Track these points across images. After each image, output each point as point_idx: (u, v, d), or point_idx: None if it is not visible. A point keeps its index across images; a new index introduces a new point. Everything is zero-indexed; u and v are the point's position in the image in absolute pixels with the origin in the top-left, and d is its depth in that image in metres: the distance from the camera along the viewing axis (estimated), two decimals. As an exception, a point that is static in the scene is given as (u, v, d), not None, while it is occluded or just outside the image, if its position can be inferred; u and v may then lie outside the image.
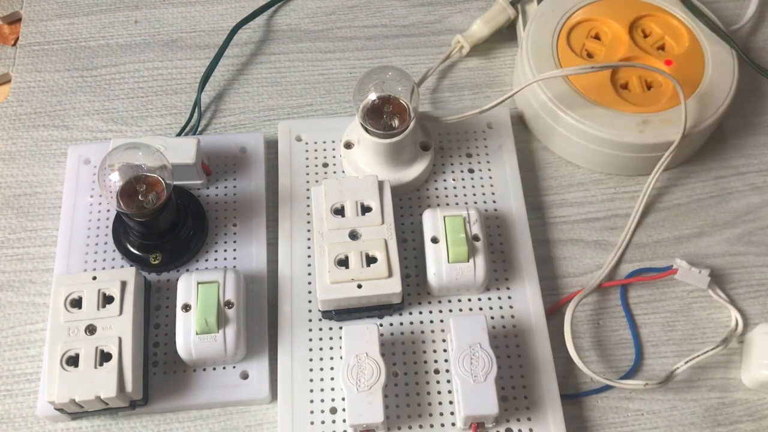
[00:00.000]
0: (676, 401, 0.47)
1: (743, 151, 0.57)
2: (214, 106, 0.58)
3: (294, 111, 0.58)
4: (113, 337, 0.43)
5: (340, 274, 0.46)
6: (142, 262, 0.49)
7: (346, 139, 0.53)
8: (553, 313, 0.50)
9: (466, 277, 0.47)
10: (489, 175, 0.53)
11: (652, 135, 0.52)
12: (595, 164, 0.55)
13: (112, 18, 0.62)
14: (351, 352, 0.43)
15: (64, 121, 0.57)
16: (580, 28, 0.57)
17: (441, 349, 0.47)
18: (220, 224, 0.51)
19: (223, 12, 0.63)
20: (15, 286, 0.50)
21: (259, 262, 0.50)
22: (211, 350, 0.44)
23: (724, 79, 0.55)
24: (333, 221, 0.47)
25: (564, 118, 0.53)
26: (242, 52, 0.61)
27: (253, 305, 0.48)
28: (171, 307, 0.48)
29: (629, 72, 0.55)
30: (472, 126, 0.55)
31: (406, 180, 0.51)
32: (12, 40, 0.62)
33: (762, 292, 0.51)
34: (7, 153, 0.56)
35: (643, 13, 0.58)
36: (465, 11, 0.64)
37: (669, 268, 0.50)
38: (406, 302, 0.48)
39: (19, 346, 0.48)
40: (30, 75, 0.59)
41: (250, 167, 0.53)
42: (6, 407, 0.46)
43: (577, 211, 0.54)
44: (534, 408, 0.45)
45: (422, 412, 0.45)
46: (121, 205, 0.45)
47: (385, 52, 0.61)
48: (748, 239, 0.53)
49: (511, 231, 0.51)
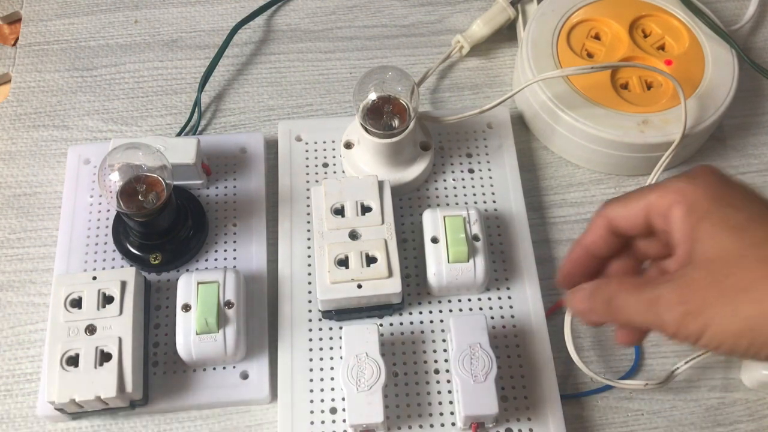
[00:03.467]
0: (676, 401, 0.47)
1: (743, 151, 0.57)
2: (214, 106, 0.58)
3: (294, 111, 0.58)
4: (113, 337, 0.43)
5: (340, 274, 0.46)
6: (142, 262, 0.49)
7: (346, 139, 0.53)
8: (553, 313, 0.50)
9: (466, 277, 0.47)
10: (489, 175, 0.53)
11: (652, 135, 0.52)
12: (595, 164, 0.55)
13: (112, 18, 0.62)
14: (351, 352, 0.43)
15: (64, 121, 0.57)
16: (580, 28, 0.57)
17: (441, 349, 0.47)
18: (220, 224, 0.51)
19: (223, 12, 0.63)
20: (15, 286, 0.50)
21: (259, 262, 0.50)
22: (211, 350, 0.44)
23: (724, 79, 0.55)
24: (333, 221, 0.47)
25: (564, 118, 0.53)
26: (242, 52, 0.61)
27: (253, 305, 0.48)
28: (171, 307, 0.48)
29: (629, 72, 0.55)
30: (472, 126, 0.55)
31: (406, 180, 0.51)
32: (12, 40, 0.62)
33: (762, 292, 0.51)
34: (7, 153, 0.56)
35: (643, 13, 0.58)
36: (465, 11, 0.64)
37: (669, 268, 0.50)
38: (406, 302, 0.48)
39: (19, 346, 0.48)
40: (30, 75, 0.59)
41: (250, 167, 0.53)
42: (6, 407, 0.46)
43: (577, 211, 0.54)
44: (534, 408, 0.45)
45: (422, 412, 0.45)
46: (121, 205, 0.45)
47: (385, 52, 0.61)
48: (748, 239, 0.53)
49: (511, 231, 0.51)
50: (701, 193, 0.33)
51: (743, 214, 0.32)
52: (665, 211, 0.34)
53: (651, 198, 0.34)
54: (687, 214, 0.33)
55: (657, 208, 0.34)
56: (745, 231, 0.31)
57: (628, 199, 0.36)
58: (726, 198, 0.33)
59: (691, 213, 0.33)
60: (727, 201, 0.32)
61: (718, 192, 0.33)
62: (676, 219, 0.33)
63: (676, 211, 0.33)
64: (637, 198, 0.35)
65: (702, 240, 0.32)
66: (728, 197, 0.33)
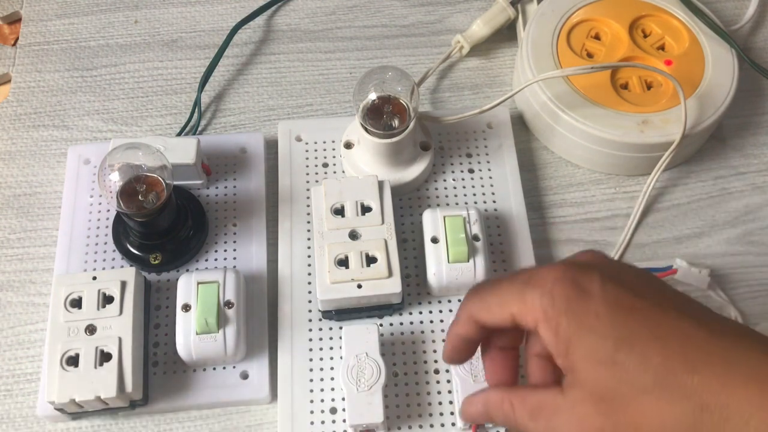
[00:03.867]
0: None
1: (743, 151, 0.57)
2: (214, 106, 0.58)
3: (294, 111, 0.58)
4: (113, 337, 0.43)
5: (340, 274, 0.46)
6: (142, 262, 0.49)
7: (346, 139, 0.53)
8: (553, 313, 0.50)
9: (466, 277, 0.47)
10: (489, 175, 0.53)
11: (652, 135, 0.52)
12: (595, 164, 0.55)
13: (112, 18, 0.62)
14: (351, 352, 0.43)
15: (64, 121, 0.57)
16: (580, 28, 0.57)
17: (441, 349, 0.47)
18: (220, 224, 0.51)
19: (223, 12, 0.63)
20: (15, 286, 0.50)
21: (259, 262, 0.50)
22: (211, 350, 0.44)
23: (724, 79, 0.55)
24: (333, 221, 0.47)
25: (564, 118, 0.53)
26: (242, 52, 0.61)
27: (253, 305, 0.48)
28: (171, 307, 0.48)
29: (629, 72, 0.55)
30: (472, 126, 0.55)
31: (406, 180, 0.51)
32: (12, 40, 0.62)
33: (762, 292, 0.51)
34: (7, 153, 0.56)
35: (643, 13, 0.58)
36: (465, 11, 0.64)
37: (669, 268, 0.50)
38: (406, 302, 0.48)
39: (19, 346, 0.48)
40: (30, 75, 0.59)
41: (250, 167, 0.53)
42: (6, 407, 0.46)
43: (577, 211, 0.54)
44: (534, 408, 0.45)
45: (422, 412, 0.45)
46: (121, 205, 0.45)
47: (385, 52, 0.61)
48: (748, 239, 0.53)
49: (511, 231, 0.51)
50: (563, 316, 0.32)
51: (609, 342, 0.31)
52: (532, 326, 0.33)
53: (513, 309, 0.34)
54: (555, 338, 0.32)
55: (522, 321, 0.33)
56: (616, 365, 0.30)
57: (490, 304, 0.35)
58: (588, 319, 0.31)
59: (558, 338, 0.32)
60: (589, 324, 0.31)
61: (579, 311, 0.32)
62: (545, 337, 0.33)
63: (543, 332, 0.32)
64: (499, 305, 0.34)
65: (578, 371, 0.32)
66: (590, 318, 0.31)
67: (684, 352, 0.30)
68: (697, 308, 0.33)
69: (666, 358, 0.30)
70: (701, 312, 0.33)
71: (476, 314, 0.36)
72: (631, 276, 0.34)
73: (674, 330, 0.31)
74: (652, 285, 0.33)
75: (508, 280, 0.35)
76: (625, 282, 0.33)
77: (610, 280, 0.32)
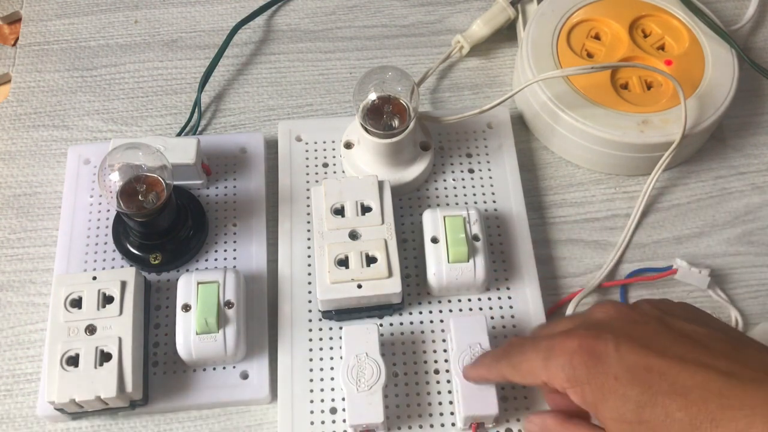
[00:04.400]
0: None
1: (743, 151, 0.57)
2: (214, 106, 0.58)
3: (294, 111, 0.58)
4: (113, 337, 0.43)
5: (340, 274, 0.46)
6: (142, 262, 0.49)
7: (346, 139, 0.53)
8: (553, 313, 0.50)
9: (466, 277, 0.47)
10: (489, 175, 0.53)
11: (652, 135, 0.52)
12: (595, 164, 0.55)
13: (112, 18, 0.62)
14: (351, 352, 0.43)
15: (64, 121, 0.57)
16: (580, 28, 0.57)
17: (441, 349, 0.47)
18: (220, 224, 0.51)
19: (223, 12, 0.63)
20: (15, 286, 0.50)
21: (259, 262, 0.50)
22: (211, 350, 0.44)
23: (724, 79, 0.55)
24: (333, 221, 0.47)
25: (564, 118, 0.53)
26: (242, 52, 0.61)
27: (253, 305, 0.48)
28: (171, 307, 0.48)
29: (629, 72, 0.55)
30: (472, 126, 0.55)
31: (406, 180, 0.51)
32: (12, 40, 0.62)
33: (762, 292, 0.51)
34: (7, 153, 0.56)
35: (643, 13, 0.58)
36: (465, 11, 0.64)
37: (669, 268, 0.50)
38: (406, 302, 0.48)
39: (19, 346, 0.48)
40: (30, 75, 0.59)
41: (250, 167, 0.53)
42: (6, 407, 0.46)
43: (577, 211, 0.54)
44: (534, 409, 0.45)
45: (422, 412, 0.45)
46: (121, 205, 0.45)
47: (385, 52, 0.61)
48: (748, 239, 0.53)
49: (511, 231, 0.51)
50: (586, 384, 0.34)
51: (631, 403, 0.33)
52: (562, 391, 0.36)
53: (542, 377, 0.36)
54: (583, 402, 0.35)
55: (553, 386, 0.36)
56: (642, 423, 0.33)
57: (522, 371, 0.38)
58: (608, 383, 0.34)
59: (586, 403, 0.35)
60: (610, 387, 0.34)
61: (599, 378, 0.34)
62: (575, 401, 0.35)
63: (572, 396, 0.35)
64: (530, 372, 0.37)
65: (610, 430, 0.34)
66: (610, 381, 0.34)
67: (706, 406, 0.31)
68: (719, 347, 0.34)
69: (688, 412, 0.32)
70: (724, 351, 0.33)
71: (509, 377, 0.39)
72: (644, 329, 0.35)
73: (694, 383, 0.32)
74: (670, 332, 0.35)
75: (532, 345, 0.38)
76: (640, 338, 0.34)
77: (624, 340, 0.34)
